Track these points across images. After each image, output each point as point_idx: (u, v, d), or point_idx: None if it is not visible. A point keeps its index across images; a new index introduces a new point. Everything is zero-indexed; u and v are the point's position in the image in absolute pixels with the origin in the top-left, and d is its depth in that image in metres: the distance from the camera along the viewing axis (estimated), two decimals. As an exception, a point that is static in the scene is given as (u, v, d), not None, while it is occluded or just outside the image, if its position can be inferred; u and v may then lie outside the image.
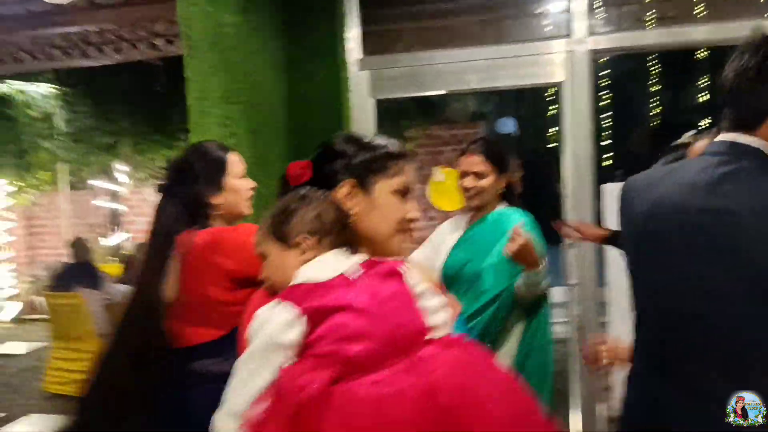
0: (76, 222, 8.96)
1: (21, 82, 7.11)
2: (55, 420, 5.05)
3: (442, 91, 3.52)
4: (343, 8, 3.51)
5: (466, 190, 2.42)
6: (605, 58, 5.74)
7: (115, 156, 7.60)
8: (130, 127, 7.23)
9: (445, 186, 3.29)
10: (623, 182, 1.59)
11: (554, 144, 8.59)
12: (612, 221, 3.19)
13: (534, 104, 8.56)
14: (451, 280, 2.34)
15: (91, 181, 8.46)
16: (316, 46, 3.48)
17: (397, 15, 3.61)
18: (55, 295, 5.93)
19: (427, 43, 3.53)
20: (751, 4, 3.16)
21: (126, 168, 8.26)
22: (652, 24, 3.14)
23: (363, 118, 3.57)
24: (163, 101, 6.78)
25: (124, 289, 6.26)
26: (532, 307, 2.33)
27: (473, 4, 3.54)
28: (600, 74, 6.53)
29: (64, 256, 9.06)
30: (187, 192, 1.94)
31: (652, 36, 3.13)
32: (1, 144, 7.67)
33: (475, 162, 2.40)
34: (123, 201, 8.74)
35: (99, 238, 8.77)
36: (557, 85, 3.26)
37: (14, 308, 9.02)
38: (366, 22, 3.56)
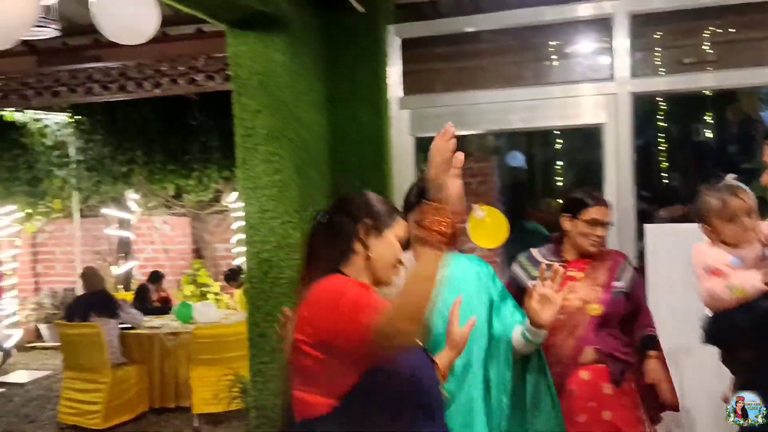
0: (84, 250, 8.91)
1: (36, 111, 7.13)
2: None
3: (483, 131, 3.57)
4: (385, 49, 3.58)
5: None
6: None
7: (128, 185, 7.59)
8: (144, 156, 7.25)
9: (485, 223, 3.32)
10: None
11: (560, 178, 8.80)
12: (654, 262, 3.23)
13: (543, 140, 8.73)
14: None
15: (101, 209, 8.44)
16: (358, 87, 3.54)
17: (437, 55, 3.67)
18: (70, 325, 5.87)
19: (467, 82, 3.59)
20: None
21: (136, 196, 8.25)
22: (692, 68, 3.22)
23: (402, 155, 3.61)
24: (182, 133, 6.81)
25: (140, 314, 6.23)
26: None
27: (512, 45, 3.60)
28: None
29: (72, 284, 9.02)
30: (347, 224, 1.66)
31: (695, 80, 3.20)
32: (14, 171, 7.65)
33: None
34: (132, 229, 8.72)
35: (108, 267, 8.72)
36: (599, 126, 3.32)
37: (15, 336, 8.94)
38: (407, 62, 3.62)
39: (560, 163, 8.89)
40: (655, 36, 3.35)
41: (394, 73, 3.61)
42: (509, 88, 3.43)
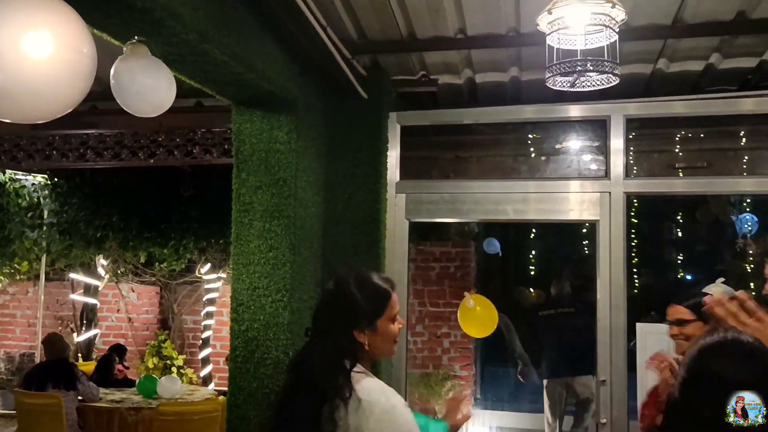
0: (46, 314, 8.59)
1: (14, 171, 7.01)
2: None
3: (476, 220, 3.61)
4: (385, 134, 3.63)
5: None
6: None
7: (100, 250, 7.42)
8: (120, 222, 7.13)
9: (475, 312, 3.30)
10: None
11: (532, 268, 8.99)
12: (645, 359, 3.22)
13: (519, 228, 8.93)
14: None
15: (68, 274, 8.20)
16: (356, 168, 3.56)
17: (435, 143, 3.74)
18: (29, 393, 5.60)
19: (464, 171, 3.65)
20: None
21: (105, 262, 8.05)
22: (682, 172, 3.33)
23: (396, 238, 3.61)
24: (162, 200, 6.74)
25: (96, 389, 5.95)
26: None
27: (508, 139, 3.69)
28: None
29: (30, 349, 8.63)
30: None
31: (687, 184, 3.30)
32: (-15, 232, 7.45)
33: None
34: (98, 296, 8.45)
35: (70, 333, 8.40)
36: (593, 223, 3.38)
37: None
38: (405, 148, 3.67)
39: (533, 252, 9.11)
40: (648, 139, 3.47)
41: (393, 157, 3.66)
42: (504, 180, 3.50)
